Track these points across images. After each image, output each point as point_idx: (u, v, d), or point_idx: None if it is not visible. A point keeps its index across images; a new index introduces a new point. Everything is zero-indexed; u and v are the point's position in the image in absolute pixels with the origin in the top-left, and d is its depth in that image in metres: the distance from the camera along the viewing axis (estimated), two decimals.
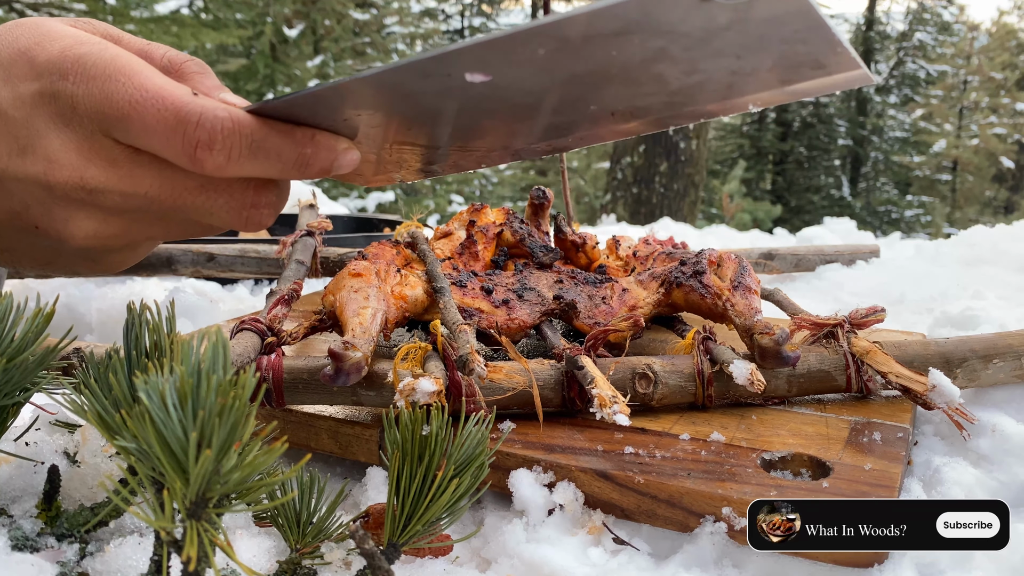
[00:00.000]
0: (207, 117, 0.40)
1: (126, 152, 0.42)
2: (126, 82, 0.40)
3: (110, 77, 0.40)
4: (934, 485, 0.50)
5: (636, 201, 5.86)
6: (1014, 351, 0.57)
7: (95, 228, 0.44)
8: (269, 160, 0.42)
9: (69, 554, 0.37)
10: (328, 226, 0.79)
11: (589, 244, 0.80)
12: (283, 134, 0.42)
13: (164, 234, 0.47)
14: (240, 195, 0.44)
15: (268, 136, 0.41)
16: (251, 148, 0.41)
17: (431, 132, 0.45)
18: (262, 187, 0.44)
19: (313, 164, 0.43)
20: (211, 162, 0.40)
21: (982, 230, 1.33)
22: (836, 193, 12.18)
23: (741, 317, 0.58)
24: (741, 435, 0.50)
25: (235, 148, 0.41)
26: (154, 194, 0.43)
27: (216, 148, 0.40)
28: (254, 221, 0.45)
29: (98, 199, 0.43)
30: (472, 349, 0.49)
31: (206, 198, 0.43)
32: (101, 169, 0.42)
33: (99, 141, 0.42)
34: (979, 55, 14.69)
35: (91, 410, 0.34)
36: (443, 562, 0.41)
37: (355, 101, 0.41)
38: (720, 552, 0.42)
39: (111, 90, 0.40)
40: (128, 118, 0.40)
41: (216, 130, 0.40)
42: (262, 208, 0.44)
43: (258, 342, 0.53)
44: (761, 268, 1.09)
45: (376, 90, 0.41)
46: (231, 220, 0.44)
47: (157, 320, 0.39)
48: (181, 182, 0.43)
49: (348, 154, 0.44)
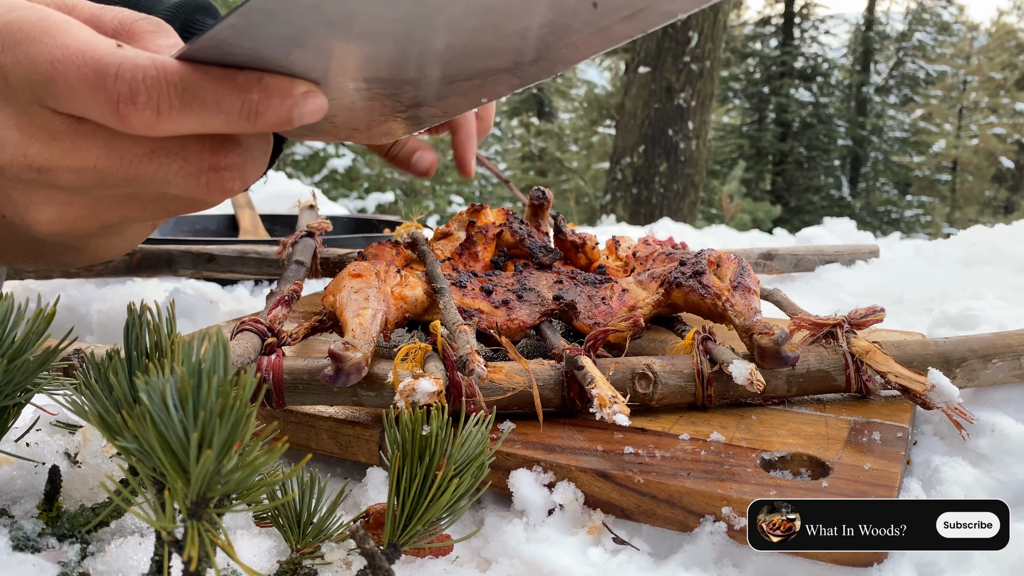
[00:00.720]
0: (126, 67, 0.35)
1: (67, 123, 0.38)
2: (49, 42, 0.37)
3: (34, 40, 0.37)
4: (933, 484, 0.50)
5: (636, 202, 5.87)
6: (1013, 351, 0.57)
7: (58, 211, 0.42)
8: (208, 111, 0.36)
9: (70, 554, 0.37)
10: (328, 227, 0.79)
11: (589, 244, 0.80)
12: (221, 79, 0.36)
13: (141, 213, 0.43)
14: (195, 158, 0.39)
15: (202, 83, 0.36)
16: (183, 98, 0.36)
17: (396, 57, 0.39)
18: (219, 146, 0.39)
19: (265, 113, 0.37)
20: (138, 118, 0.36)
21: (981, 230, 1.33)
22: (836, 193, 12.18)
23: (740, 317, 0.58)
24: (741, 435, 0.50)
25: (163, 100, 0.36)
26: (103, 166, 0.39)
27: (140, 101, 0.35)
28: (216, 187, 0.39)
29: (50, 178, 0.39)
30: (472, 349, 0.49)
31: (158, 165, 0.39)
32: (44, 144, 0.39)
33: (37, 114, 0.38)
34: (978, 55, 14.69)
35: (92, 411, 0.34)
36: (443, 562, 0.41)
37: (288, 21, 0.34)
38: (720, 552, 0.42)
39: (35, 53, 0.37)
40: (52, 80, 0.36)
41: (138, 80, 0.35)
42: (223, 171, 0.39)
43: (258, 343, 0.53)
44: (760, 268, 1.10)
45: None
46: (190, 188, 0.39)
47: (157, 321, 0.40)
48: (128, 149, 0.39)
49: (310, 99, 0.37)
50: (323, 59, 0.37)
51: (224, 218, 1.45)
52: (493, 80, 0.44)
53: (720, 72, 7.06)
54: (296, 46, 0.35)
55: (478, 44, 0.39)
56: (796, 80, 12.27)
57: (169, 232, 1.34)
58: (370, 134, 0.50)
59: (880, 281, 1.08)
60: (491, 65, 0.42)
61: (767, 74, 12.48)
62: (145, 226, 0.49)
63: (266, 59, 0.36)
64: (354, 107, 0.45)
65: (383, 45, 0.37)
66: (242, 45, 0.35)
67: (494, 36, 0.39)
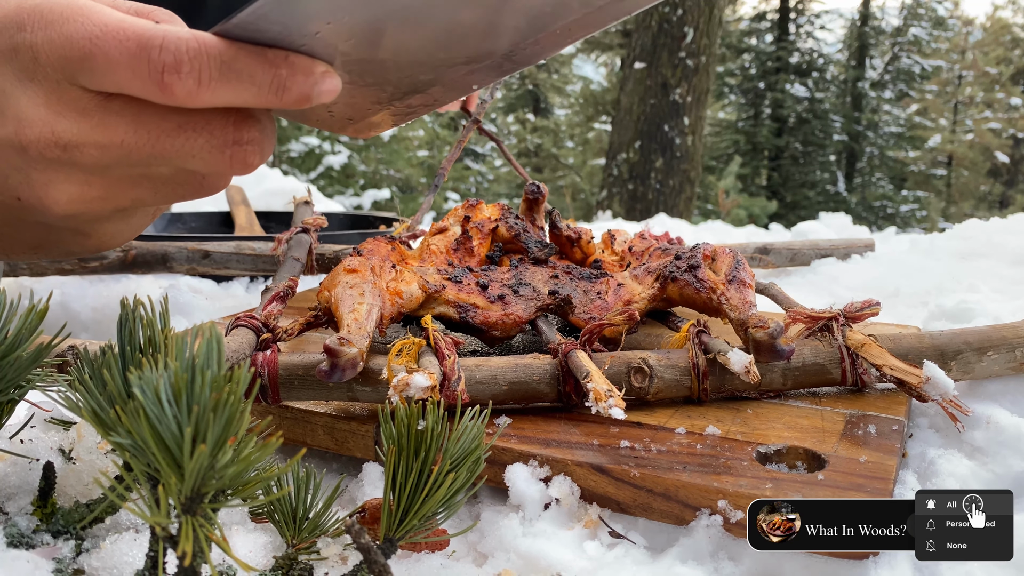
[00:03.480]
0: (170, 39, 0.38)
1: (96, 100, 0.40)
2: (84, 21, 0.39)
3: (68, 19, 0.39)
4: (929, 477, 0.50)
5: (632, 197, 5.86)
6: (1008, 343, 0.57)
7: (77, 191, 0.43)
8: (243, 83, 0.39)
9: (65, 551, 0.37)
10: (323, 223, 0.79)
11: (584, 239, 0.80)
12: (254, 54, 0.39)
13: (151, 195, 0.45)
14: (220, 131, 0.41)
15: (238, 56, 0.39)
16: (221, 70, 0.38)
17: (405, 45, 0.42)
18: (242, 121, 0.42)
19: (291, 88, 0.40)
20: (181, 87, 0.38)
21: (977, 224, 1.33)
22: (832, 188, 12.19)
23: (736, 311, 0.58)
24: (736, 428, 0.50)
25: (204, 70, 0.38)
26: (131, 141, 0.41)
27: (184, 71, 0.38)
28: (239, 160, 0.42)
29: (74, 155, 0.41)
30: None
31: (185, 139, 0.41)
32: (72, 121, 0.40)
33: (67, 91, 0.40)
34: (973, 50, 14.71)
35: (86, 407, 0.34)
36: (439, 556, 0.41)
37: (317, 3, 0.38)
38: (716, 545, 0.42)
39: (70, 31, 0.39)
40: (91, 56, 0.38)
41: (182, 51, 0.38)
42: (245, 145, 0.42)
43: (253, 338, 0.53)
44: (756, 262, 1.10)
45: None
46: (215, 161, 0.42)
47: (151, 316, 0.39)
48: (157, 124, 0.41)
49: (327, 79, 0.41)
50: (343, 40, 0.40)
51: (219, 215, 1.44)
52: (486, 66, 0.46)
53: (716, 68, 7.06)
54: (324, 23, 0.39)
55: (476, 27, 0.42)
56: (791, 75, 12.26)
57: (164, 229, 1.33)
58: (359, 126, 0.51)
59: (876, 275, 1.08)
60: (487, 48, 0.44)
61: (762, 69, 12.48)
62: (147, 214, 0.50)
63: (292, 37, 0.39)
64: (353, 96, 0.46)
65: (395, 28, 0.40)
66: (275, 24, 0.38)
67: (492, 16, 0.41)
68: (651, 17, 5.61)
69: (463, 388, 0.49)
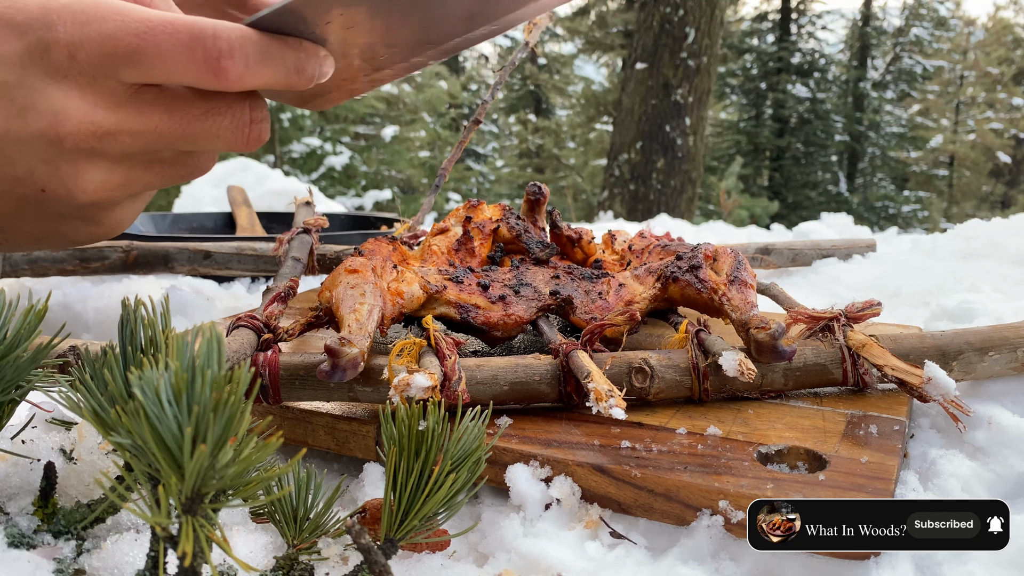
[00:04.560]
0: (221, 29, 0.42)
1: (129, 91, 0.43)
2: (123, 19, 0.42)
3: (104, 18, 0.42)
4: (930, 478, 0.50)
5: (633, 198, 5.86)
6: (1010, 343, 0.57)
7: (103, 178, 0.45)
8: (276, 66, 0.44)
9: (66, 551, 0.37)
10: (325, 223, 0.79)
11: (585, 239, 0.80)
12: (280, 41, 0.45)
13: (159, 179, 0.49)
14: (240, 113, 0.46)
15: (271, 43, 0.44)
16: (262, 55, 0.44)
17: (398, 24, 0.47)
18: (255, 104, 0.47)
19: (307, 69, 0.46)
20: (235, 71, 0.43)
21: (978, 224, 1.33)
22: (833, 189, 12.18)
23: (737, 311, 0.58)
24: (737, 429, 0.50)
25: (250, 55, 0.43)
26: (164, 127, 0.44)
27: (236, 56, 0.43)
28: (255, 136, 0.47)
29: (107, 144, 0.44)
30: None
31: (212, 122, 0.45)
32: (109, 111, 0.43)
33: (102, 84, 0.43)
34: (975, 50, 14.70)
35: (87, 407, 0.34)
36: (440, 557, 0.41)
37: None
38: (717, 545, 0.42)
39: (110, 30, 0.41)
40: (140, 50, 0.41)
41: (232, 39, 0.42)
42: (259, 123, 0.47)
43: (254, 339, 0.53)
44: (757, 263, 1.10)
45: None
46: (235, 139, 0.47)
47: (152, 316, 0.39)
48: (187, 110, 0.45)
49: (327, 61, 0.47)
50: (345, 27, 0.46)
51: (221, 215, 1.44)
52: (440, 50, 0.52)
53: (717, 68, 7.05)
54: (337, 14, 0.44)
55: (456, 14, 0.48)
56: (793, 76, 12.25)
57: (166, 229, 1.33)
58: (329, 97, 0.55)
59: (877, 275, 1.08)
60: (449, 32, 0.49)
61: (764, 70, 12.47)
62: (145, 199, 0.53)
63: (307, 26, 0.45)
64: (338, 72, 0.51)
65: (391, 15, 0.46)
66: (299, 16, 0.44)
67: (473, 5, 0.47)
68: (653, 17, 5.61)
69: (464, 388, 0.49)
